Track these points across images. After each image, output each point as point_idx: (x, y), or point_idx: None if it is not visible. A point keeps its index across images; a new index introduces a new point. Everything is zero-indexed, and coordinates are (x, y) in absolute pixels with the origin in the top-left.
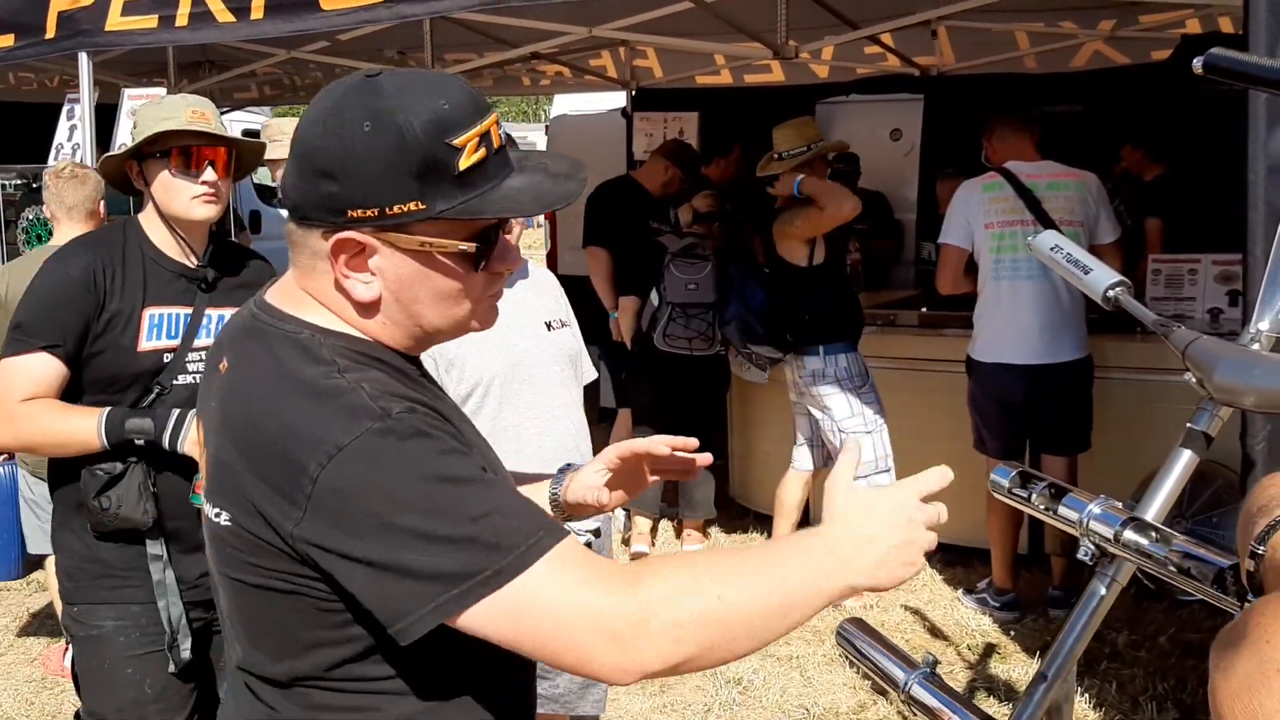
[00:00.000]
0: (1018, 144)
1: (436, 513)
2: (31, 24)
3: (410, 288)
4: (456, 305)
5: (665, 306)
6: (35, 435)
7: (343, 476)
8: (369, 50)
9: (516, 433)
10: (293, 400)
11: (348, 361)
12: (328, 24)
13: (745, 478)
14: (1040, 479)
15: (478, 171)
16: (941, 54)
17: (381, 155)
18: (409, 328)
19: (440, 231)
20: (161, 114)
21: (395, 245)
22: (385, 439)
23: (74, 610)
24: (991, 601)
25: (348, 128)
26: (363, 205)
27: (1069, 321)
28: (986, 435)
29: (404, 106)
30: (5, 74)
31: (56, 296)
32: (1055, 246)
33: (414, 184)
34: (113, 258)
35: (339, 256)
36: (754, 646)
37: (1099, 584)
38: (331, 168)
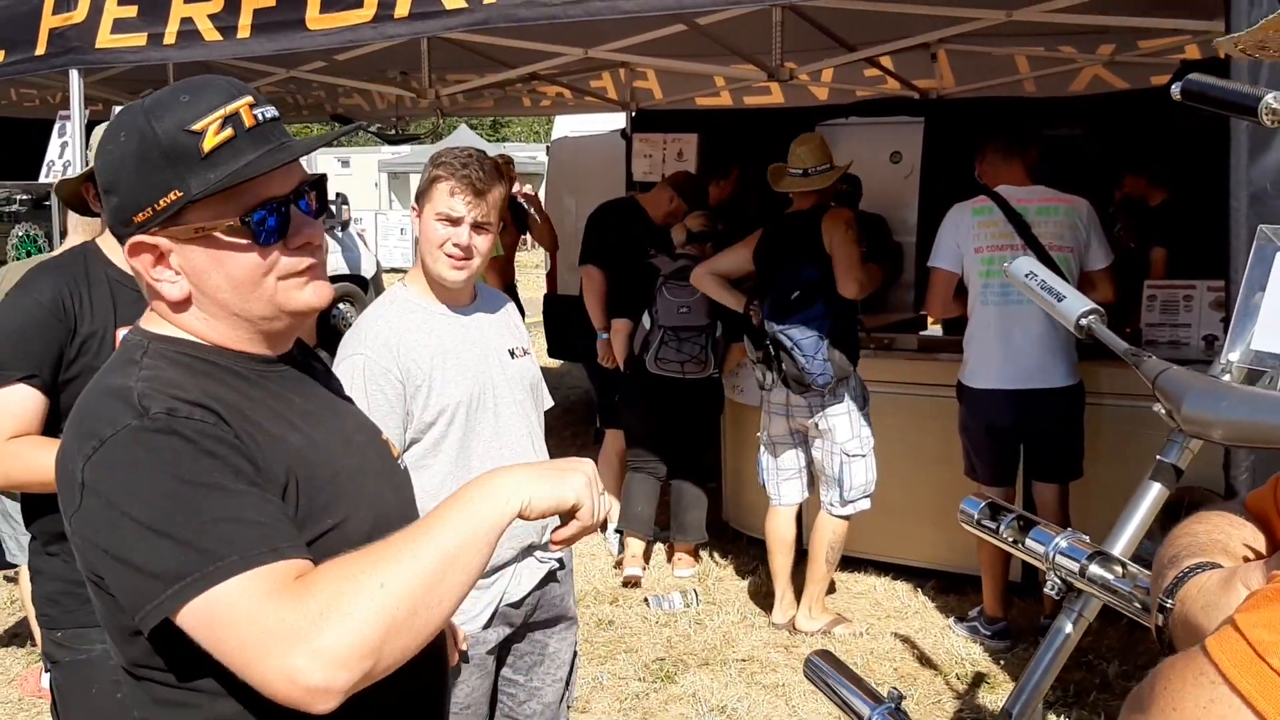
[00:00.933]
0: (1008, 169)
1: (169, 512)
2: (22, 40)
3: (207, 276)
4: (258, 286)
5: (657, 330)
6: (23, 474)
7: (97, 470)
8: (370, 70)
9: (481, 461)
10: (88, 400)
11: (155, 361)
12: (313, 43)
13: (738, 501)
14: (1009, 510)
15: (226, 150)
16: (941, 77)
17: (133, 158)
18: (228, 319)
19: (212, 214)
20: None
21: (177, 238)
22: (139, 436)
23: (58, 636)
24: (982, 630)
25: (111, 143)
26: (139, 208)
27: (1059, 347)
28: (977, 461)
29: (149, 110)
30: (6, 90)
31: (26, 326)
32: (1030, 273)
33: (168, 175)
34: (77, 282)
35: (142, 263)
36: (443, 610)
37: (1065, 619)
38: (107, 183)
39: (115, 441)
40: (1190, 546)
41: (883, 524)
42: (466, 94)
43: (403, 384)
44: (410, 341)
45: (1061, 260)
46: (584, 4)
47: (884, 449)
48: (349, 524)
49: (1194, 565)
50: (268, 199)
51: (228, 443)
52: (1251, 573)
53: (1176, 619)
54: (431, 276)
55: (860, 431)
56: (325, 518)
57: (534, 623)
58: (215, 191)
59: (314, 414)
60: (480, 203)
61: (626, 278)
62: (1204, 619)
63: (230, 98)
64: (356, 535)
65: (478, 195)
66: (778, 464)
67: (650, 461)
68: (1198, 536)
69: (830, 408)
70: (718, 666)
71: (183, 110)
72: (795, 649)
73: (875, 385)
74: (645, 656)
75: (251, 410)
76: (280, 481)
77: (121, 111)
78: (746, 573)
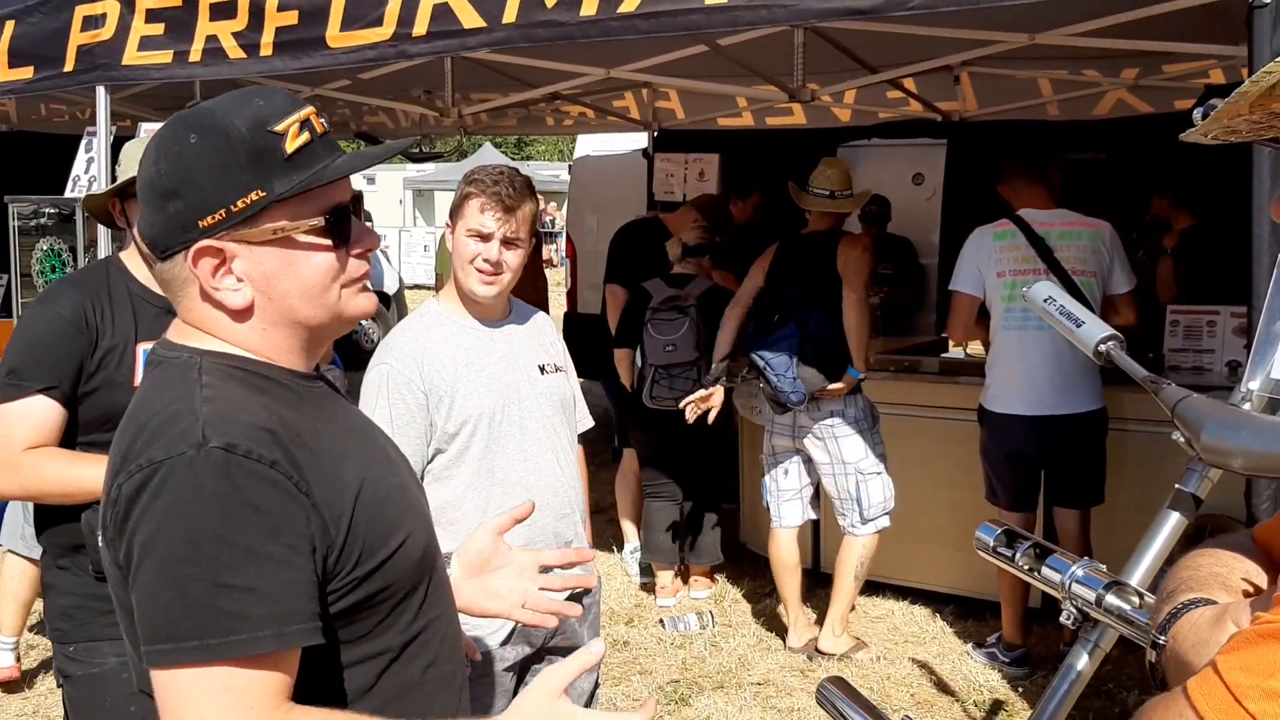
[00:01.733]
0: (1031, 191)
1: (187, 561)
2: (51, 56)
3: (278, 281)
4: (325, 292)
5: (648, 368)
6: (42, 485)
7: (141, 492)
8: (394, 89)
9: (504, 475)
10: (144, 414)
11: (215, 380)
12: (334, 61)
13: (755, 523)
14: (1025, 538)
15: (306, 153)
16: (964, 99)
17: (212, 158)
18: (286, 327)
19: (290, 215)
20: (132, 156)
21: (250, 241)
22: (190, 468)
23: (70, 650)
24: (1001, 656)
25: (177, 146)
26: (209, 211)
27: (1082, 372)
28: (998, 486)
29: (223, 112)
30: (36, 105)
31: (47, 338)
32: (1049, 298)
33: (250, 175)
34: (100, 295)
35: (202, 271)
36: None
37: (1081, 650)
38: (172, 187)
39: (167, 467)
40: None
41: (901, 548)
42: (490, 113)
43: (425, 394)
44: (435, 353)
45: (1084, 285)
46: (601, 24)
47: (904, 472)
48: (409, 542)
49: (1188, 601)
50: (340, 204)
51: (281, 488)
52: (1241, 611)
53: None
54: (463, 291)
55: (872, 450)
56: (390, 539)
57: (553, 647)
58: (299, 192)
59: (355, 430)
60: (509, 219)
61: (637, 298)
62: (1193, 657)
63: (297, 105)
64: (414, 551)
65: (507, 211)
66: (779, 485)
67: (666, 487)
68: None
69: (839, 427)
70: (733, 690)
71: (261, 110)
72: (811, 673)
73: (896, 408)
74: (660, 678)
75: (310, 430)
76: (344, 508)
77: (183, 117)
78: (763, 595)
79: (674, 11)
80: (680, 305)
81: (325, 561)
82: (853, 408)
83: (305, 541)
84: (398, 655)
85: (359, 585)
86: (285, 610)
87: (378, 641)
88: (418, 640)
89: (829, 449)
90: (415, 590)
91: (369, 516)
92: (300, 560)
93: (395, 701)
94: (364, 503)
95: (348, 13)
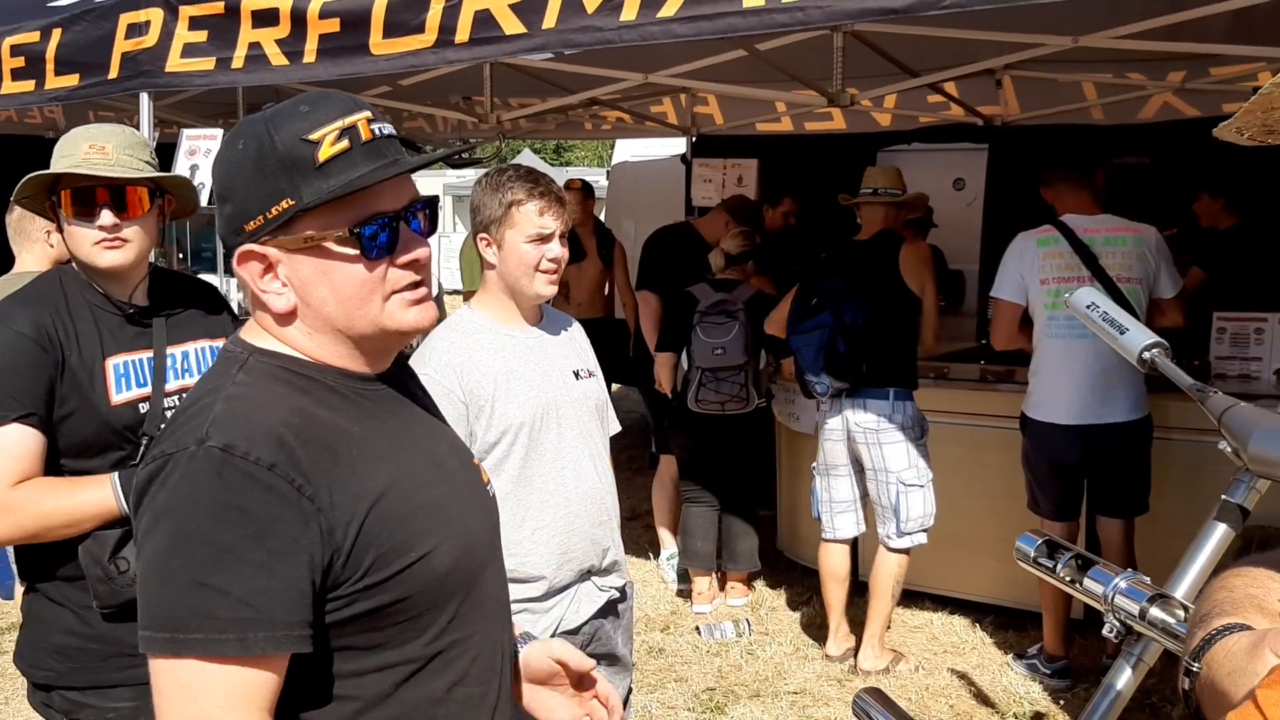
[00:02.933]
0: (1075, 196)
1: (172, 555)
2: (96, 64)
3: (314, 288)
4: (363, 303)
5: (695, 370)
6: (40, 520)
7: (151, 484)
8: (433, 94)
9: (543, 482)
10: (180, 410)
11: (249, 378)
12: (376, 68)
13: (793, 530)
14: (1067, 548)
15: (341, 161)
16: (1006, 103)
17: (252, 165)
18: (330, 334)
19: (320, 224)
20: (63, 151)
21: (286, 247)
22: (189, 464)
23: (73, 695)
24: (1042, 668)
25: (228, 153)
26: (251, 216)
27: (1126, 380)
28: (1040, 495)
29: (269, 119)
30: (84, 112)
31: (11, 361)
32: (1091, 304)
33: (283, 183)
34: (58, 310)
35: (249, 273)
36: None
37: (1124, 664)
38: (222, 190)
39: (172, 461)
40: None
41: (941, 557)
42: (528, 118)
43: (465, 404)
44: (474, 362)
45: (1130, 293)
46: (639, 29)
47: (945, 480)
48: (434, 555)
49: (1223, 626)
50: (379, 213)
51: (276, 492)
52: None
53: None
54: (525, 296)
55: (917, 461)
56: (409, 550)
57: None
58: (326, 201)
59: (407, 437)
60: (565, 211)
61: (681, 303)
62: (1230, 686)
63: (348, 111)
64: (441, 566)
65: (562, 205)
66: (832, 496)
67: (705, 493)
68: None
69: (884, 434)
70: (769, 698)
71: (301, 120)
72: (848, 683)
73: (936, 415)
74: (695, 686)
75: (342, 434)
76: (354, 515)
77: (243, 121)
78: (800, 603)
79: (712, 15)
80: (729, 310)
81: (329, 568)
82: (901, 414)
83: (296, 547)
84: (420, 669)
85: (369, 594)
86: (255, 616)
87: (396, 652)
88: (442, 657)
89: (872, 455)
90: (443, 605)
91: (385, 526)
92: (283, 567)
93: (413, 714)
94: (381, 511)
95: (389, 20)
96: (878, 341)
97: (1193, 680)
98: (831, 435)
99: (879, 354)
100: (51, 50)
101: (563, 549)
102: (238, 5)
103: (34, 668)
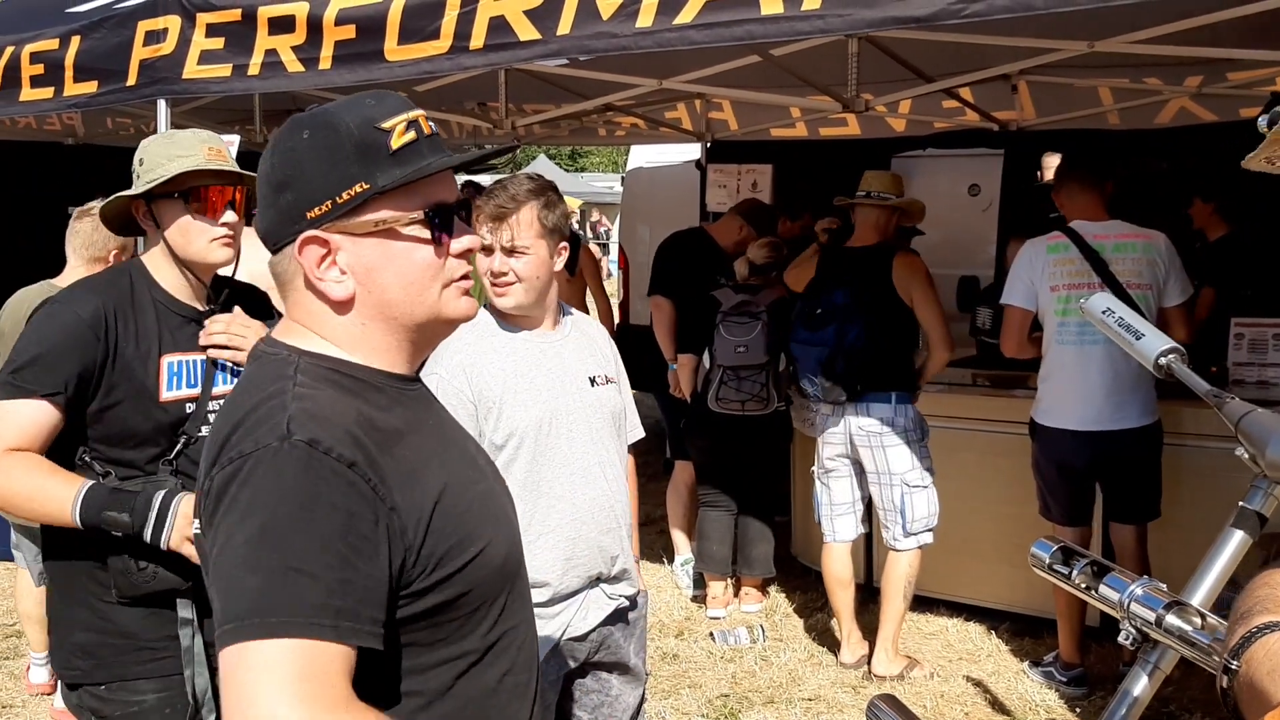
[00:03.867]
0: (1085, 202)
1: (261, 544)
2: (115, 71)
3: (377, 274)
4: (425, 289)
5: (716, 369)
6: (6, 492)
7: (230, 483)
8: (448, 100)
9: (550, 487)
10: (237, 412)
11: (308, 380)
12: (392, 74)
13: (808, 536)
14: (1082, 555)
15: (411, 150)
16: (1022, 108)
17: (322, 151)
18: (384, 324)
19: (392, 208)
20: (175, 151)
21: (353, 233)
22: (275, 459)
23: (99, 690)
24: (1058, 676)
25: (290, 142)
26: (317, 202)
27: (1136, 386)
28: (1051, 501)
29: (335, 110)
30: (103, 119)
31: (62, 341)
32: (1107, 310)
33: (356, 168)
34: (122, 303)
35: (308, 260)
36: None
37: (1140, 671)
38: (284, 179)
39: (254, 459)
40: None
41: (955, 563)
42: (543, 124)
43: (475, 405)
44: (484, 363)
45: (1140, 299)
46: (655, 35)
47: (958, 486)
48: (489, 549)
49: (1264, 624)
50: (442, 202)
51: (357, 490)
52: None
53: (1242, 682)
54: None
55: (919, 463)
56: (469, 546)
57: (598, 662)
58: (401, 185)
59: (446, 436)
60: (500, 227)
61: (695, 308)
62: (1270, 684)
63: (409, 108)
64: (495, 559)
65: (495, 220)
66: (831, 498)
67: (721, 497)
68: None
69: (886, 437)
70: (783, 705)
71: (371, 110)
72: (863, 689)
73: (947, 421)
74: (709, 692)
75: (396, 435)
76: (422, 514)
77: (298, 118)
78: (814, 610)
79: (729, 22)
80: (752, 310)
81: (402, 566)
82: (902, 417)
83: (373, 545)
84: (476, 661)
85: (436, 590)
86: (343, 606)
87: (456, 646)
88: (496, 647)
89: (875, 458)
90: (496, 598)
91: (448, 523)
92: (363, 563)
93: (470, 706)
94: (443, 509)
95: (405, 26)
96: (877, 354)
97: (1231, 678)
98: (832, 438)
99: (878, 363)
100: (70, 57)
101: (568, 555)
102: (254, 12)
103: (64, 669)
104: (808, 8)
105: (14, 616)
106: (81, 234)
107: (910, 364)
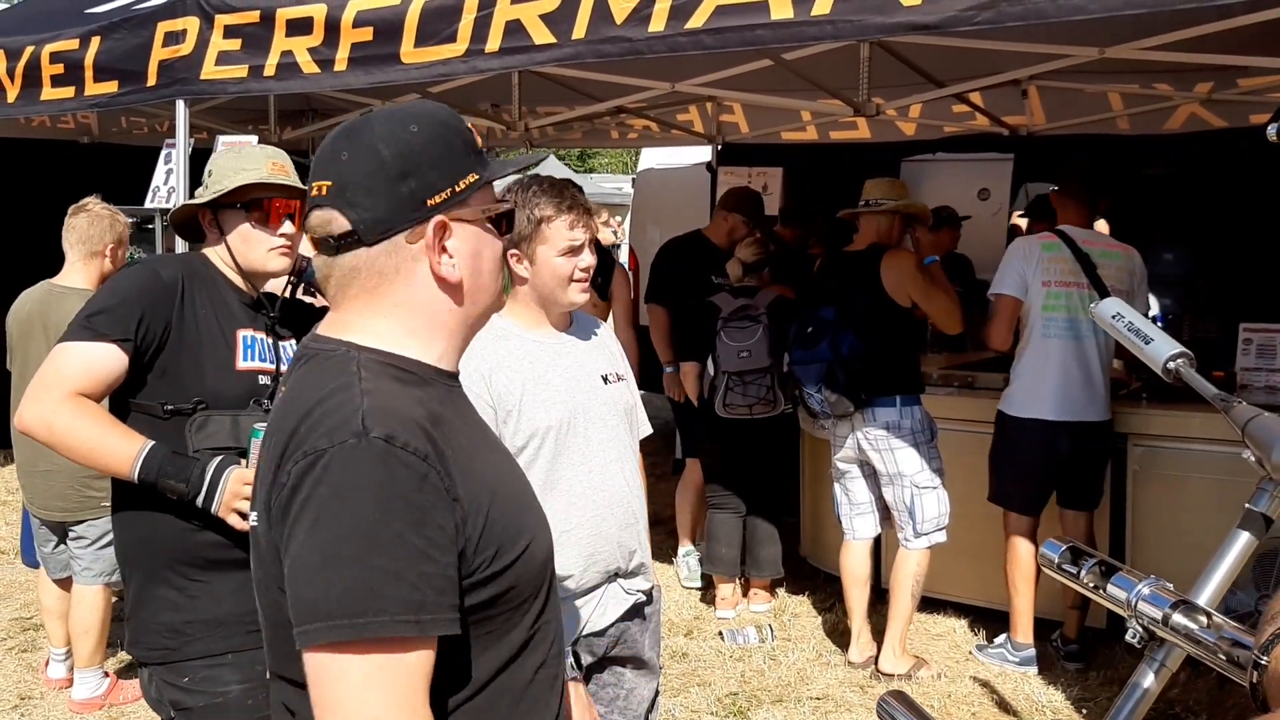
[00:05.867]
0: (1074, 210)
1: (344, 542)
2: (134, 71)
3: (479, 259)
4: (497, 277)
5: (721, 376)
6: (65, 435)
7: (307, 480)
8: (461, 102)
9: (569, 485)
10: (303, 406)
11: (371, 375)
12: (407, 76)
13: (817, 537)
14: (1091, 555)
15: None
16: (1032, 114)
17: (439, 143)
18: (464, 314)
19: (485, 199)
20: (241, 164)
21: (463, 219)
22: (352, 455)
23: (185, 681)
24: (1010, 656)
25: (399, 134)
26: (437, 190)
27: (1103, 383)
28: (1014, 490)
29: (425, 106)
30: (117, 118)
31: (140, 294)
32: (1117, 314)
33: (467, 160)
34: (198, 276)
35: (430, 242)
36: None
37: (1147, 669)
38: (404, 168)
39: (330, 455)
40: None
41: (964, 565)
42: (555, 126)
43: (494, 409)
44: (502, 368)
45: None
46: (668, 39)
47: (966, 488)
48: (534, 544)
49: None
50: (502, 201)
51: (430, 482)
52: None
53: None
54: (558, 305)
55: (929, 464)
56: (519, 540)
57: (615, 656)
58: (498, 178)
59: (487, 434)
60: (592, 220)
61: (695, 314)
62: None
63: None
64: (540, 553)
65: (589, 214)
66: (850, 498)
67: (730, 499)
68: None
69: (894, 439)
70: (791, 704)
71: (450, 111)
72: (871, 689)
73: (958, 424)
74: (718, 691)
75: (453, 427)
76: (481, 505)
77: (383, 114)
78: (823, 609)
79: (741, 27)
80: (752, 314)
81: (463, 556)
82: (909, 419)
83: (446, 536)
84: (517, 653)
85: (491, 583)
86: (424, 600)
87: (502, 638)
88: (534, 640)
89: (884, 460)
90: (539, 591)
91: (502, 515)
92: (438, 554)
93: (508, 696)
94: (499, 501)
95: (423, 29)
96: (876, 359)
97: (1260, 673)
98: (842, 443)
99: (879, 368)
100: (90, 57)
101: (589, 552)
102: (273, 14)
103: (149, 650)
104: (818, 13)
105: (30, 610)
106: (77, 229)
107: (914, 365)
